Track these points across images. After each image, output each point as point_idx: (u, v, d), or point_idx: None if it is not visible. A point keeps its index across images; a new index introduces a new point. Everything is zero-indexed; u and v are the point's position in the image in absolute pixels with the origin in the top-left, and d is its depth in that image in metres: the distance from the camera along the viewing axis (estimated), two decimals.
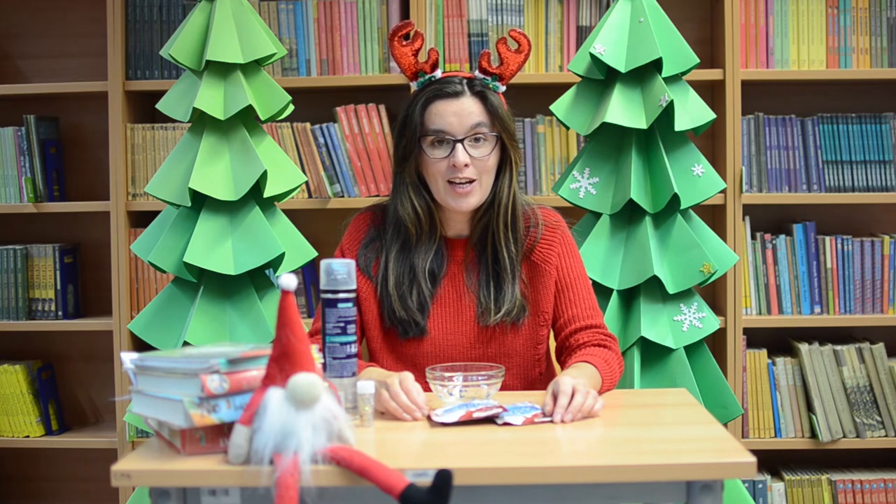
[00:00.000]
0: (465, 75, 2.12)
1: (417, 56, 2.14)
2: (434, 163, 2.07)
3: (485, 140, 2.08)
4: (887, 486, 3.02)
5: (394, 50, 2.14)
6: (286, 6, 3.11)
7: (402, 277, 2.10)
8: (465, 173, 2.06)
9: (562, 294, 2.14)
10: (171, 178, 2.69)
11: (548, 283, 2.13)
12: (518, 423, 1.76)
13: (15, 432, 3.19)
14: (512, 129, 2.12)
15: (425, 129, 2.07)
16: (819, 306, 3.08)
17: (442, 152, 2.07)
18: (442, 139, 2.07)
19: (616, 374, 2.06)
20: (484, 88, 2.10)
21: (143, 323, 2.75)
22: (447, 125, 2.06)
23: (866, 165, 3.07)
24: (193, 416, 1.53)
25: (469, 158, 2.05)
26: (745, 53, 3.06)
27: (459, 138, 2.06)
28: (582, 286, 2.15)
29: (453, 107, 2.07)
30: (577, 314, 2.12)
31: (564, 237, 2.17)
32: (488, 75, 2.12)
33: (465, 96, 2.08)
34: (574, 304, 2.13)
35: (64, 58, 3.33)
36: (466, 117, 2.07)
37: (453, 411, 1.78)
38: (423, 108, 2.08)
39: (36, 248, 3.21)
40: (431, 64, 2.12)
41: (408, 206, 2.11)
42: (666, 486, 1.55)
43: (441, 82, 2.10)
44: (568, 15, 3.08)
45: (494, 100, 2.10)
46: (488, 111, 2.09)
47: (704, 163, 2.71)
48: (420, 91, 2.11)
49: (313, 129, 3.09)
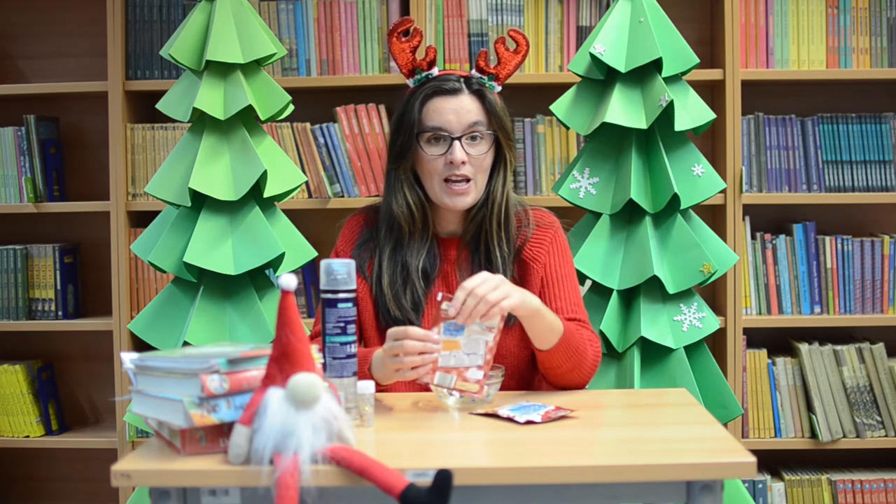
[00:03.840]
0: (461, 73, 2.13)
1: (415, 53, 2.14)
2: (431, 160, 2.07)
3: (481, 138, 2.08)
4: (887, 486, 3.02)
5: (392, 46, 2.14)
6: (286, 6, 3.11)
7: (396, 276, 2.10)
8: (461, 171, 2.06)
9: (547, 288, 2.12)
10: (171, 178, 2.69)
11: (535, 280, 2.12)
12: (539, 419, 1.77)
13: (15, 432, 3.19)
14: (509, 129, 2.12)
15: (423, 126, 2.08)
16: (819, 306, 3.08)
17: (439, 149, 2.07)
18: (439, 136, 2.07)
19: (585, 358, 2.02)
20: (481, 87, 2.10)
21: (143, 323, 2.75)
22: (445, 122, 2.06)
23: (866, 165, 3.07)
24: (193, 416, 1.53)
25: (466, 156, 2.06)
26: (745, 53, 3.06)
27: (457, 136, 2.06)
28: (568, 284, 2.14)
29: (452, 104, 2.07)
30: (562, 307, 2.10)
31: (556, 237, 2.17)
32: (485, 74, 2.12)
33: (463, 94, 2.09)
34: (559, 298, 2.11)
35: (64, 58, 3.33)
36: (464, 115, 2.07)
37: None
38: (421, 105, 2.08)
39: (36, 248, 3.21)
40: (429, 61, 2.12)
41: (402, 203, 2.10)
42: (666, 486, 1.55)
43: (439, 79, 2.10)
44: (568, 15, 3.08)
45: (492, 98, 2.10)
46: (486, 110, 2.09)
47: (704, 163, 2.71)
48: (418, 88, 2.11)
49: (313, 129, 3.09)
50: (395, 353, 1.84)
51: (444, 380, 1.85)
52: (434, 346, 1.82)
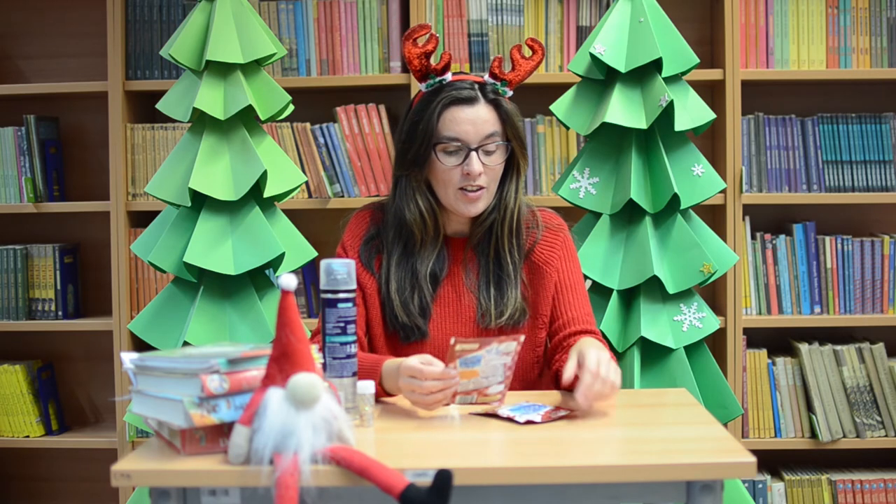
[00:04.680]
0: (474, 79, 2.10)
1: (429, 59, 2.12)
2: (447, 170, 2.06)
3: (497, 148, 2.08)
4: (887, 486, 3.02)
5: (406, 50, 2.12)
6: (286, 6, 3.11)
7: (404, 282, 2.10)
8: (477, 181, 2.06)
9: (561, 296, 2.13)
10: (171, 178, 2.69)
11: (548, 285, 2.13)
12: (539, 419, 1.77)
13: (15, 432, 3.19)
14: (523, 136, 2.12)
15: (439, 136, 2.06)
16: (819, 306, 3.08)
17: (455, 160, 2.06)
18: (456, 147, 2.06)
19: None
20: (497, 95, 2.09)
21: (143, 323, 2.75)
22: (463, 133, 2.05)
23: (866, 165, 3.07)
24: (193, 416, 1.53)
25: (482, 167, 2.05)
26: (745, 53, 3.06)
27: (474, 147, 2.05)
28: (580, 291, 2.15)
29: (468, 114, 2.05)
30: (576, 317, 2.12)
31: (566, 241, 2.17)
32: (498, 80, 2.11)
33: (479, 103, 2.07)
34: (573, 307, 2.13)
35: (64, 58, 3.33)
36: (481, 126, 2.06)
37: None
38: (438, 115, 2.06)
39: (36, 248, 3.21)
40: (443, 66, 2.10)
41: (415, 210, 2.09)
42: (666, 486, 1.55)
43: (455, 87, 2.07)
44: (568, 15, 3.08)
45: (507, 107, 2.09)
46: (502, 119, 2.08)
47: (704, 163, 2.71)
48: (432, 95, 2.08)
49: (313, 129, 3.09)
50: (412, 389, 1.82)
51: (465, 400, 1.85)
52: (452, 382, 1.79)
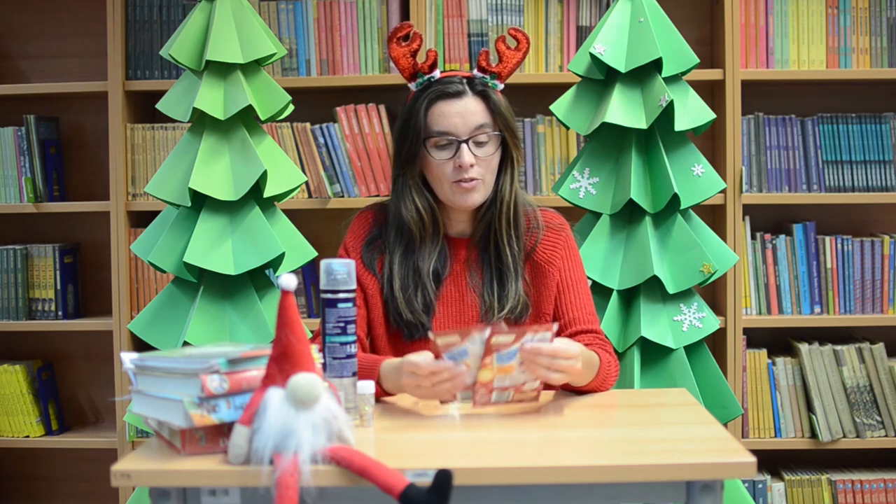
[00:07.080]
0: (463, 74, 2.12)
1: (416, 57, 2.14)
2: (439, 164, 2.07)
3: (488, 140, 2.08)
4: (887, 486, 3.02)
5: (392, 51, 2.14)
6: (286, 6, 3.11)
7: (407, 280, 2.10)
8: (470, 173, 2.06)
9: (563, 295, 2.13)
10: (171, 178, 2.69)
11: (550, 283, 2.13)
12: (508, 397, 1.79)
13: (15, 432, 3.19)
14: (514, 127, 2.12)
15: (429, 131, 2.07)
16: (819, 306, 3.08)
17: (447, 154, 2.07)
18: (446, 140, 2.07)
19: (609, 381, 2.06)
20: (485, 87, 2.10)
21: (143, 323, 2.75)
22: (451, 126, 2.06)
23: (866, 165, 3.07)
24: (193, 416, 1.53)
25: (474, 158, 2.06)
26: (745, 53, 3.06)
27: (463, 139, 2.06)
28: (583, 290, 2.16)
29: (456, 107, 2.07)
30: (579, 317, 2.12)
31: (568, 240, 2.17)
32: (486, 73, 2.12)
33: (467, 96, 2.08)
34: (576, 306, 2.13)
35: (64, 58, 3.33)
36: (470, 117, 2.07)
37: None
38: (426, 110, 2.07)
39: (36, 248, 3.21)
40: (430, 64, 2.12)
41: (411, 208, 2.10)
42: (666, 486, 1.55)
43: (442, 83, 2.09)
44: (568, 15, 3.08)
45: (496, 98, 2.10)
46: (490, 110, 2.09)
47: (704, 163, 2.71)
48: (421, 92, 2.10)
49: (313, 129, 3.09)
50: (417, 384, 1.82)
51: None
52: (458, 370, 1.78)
